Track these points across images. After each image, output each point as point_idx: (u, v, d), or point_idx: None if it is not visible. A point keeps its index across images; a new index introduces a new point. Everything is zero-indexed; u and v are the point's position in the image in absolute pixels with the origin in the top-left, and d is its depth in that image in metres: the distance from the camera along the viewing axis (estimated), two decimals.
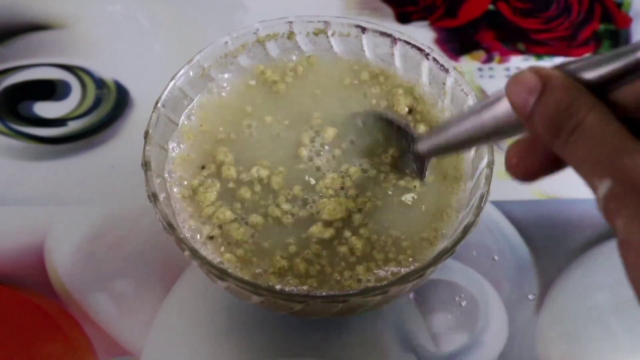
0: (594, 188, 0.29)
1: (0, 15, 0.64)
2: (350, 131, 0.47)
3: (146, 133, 0.44)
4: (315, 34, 0.50)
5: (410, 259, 0.43)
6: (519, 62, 0.62)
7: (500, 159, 0.55)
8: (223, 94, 0.49)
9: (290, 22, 0.49)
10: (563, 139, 0.30)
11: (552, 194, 0.55)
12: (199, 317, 0.49)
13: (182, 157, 0.46)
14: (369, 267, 0.43)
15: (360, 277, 0.42)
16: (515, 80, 0.31)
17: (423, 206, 0.45)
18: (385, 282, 0.42)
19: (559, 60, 0.62)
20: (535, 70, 0.31)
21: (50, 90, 0.59)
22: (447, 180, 0.45)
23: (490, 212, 0.53)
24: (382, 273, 0.43)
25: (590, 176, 0.29)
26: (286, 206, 0.44)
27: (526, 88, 0.31)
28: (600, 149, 0.29)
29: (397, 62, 0.49)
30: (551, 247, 0.52)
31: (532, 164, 0.33)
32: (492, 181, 0.43)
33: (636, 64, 0.29)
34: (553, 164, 0.33)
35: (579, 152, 0.29)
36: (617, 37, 0.63)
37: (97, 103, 0.59)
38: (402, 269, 0.43)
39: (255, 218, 0.44)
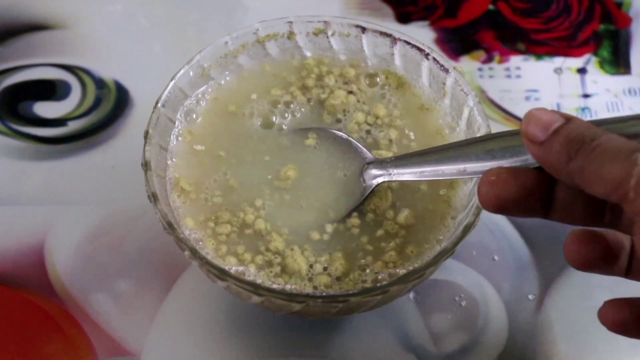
0: (624, 180, 0.31)
1: (0, 15, 0.64)
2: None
3: (146, 133, 0.44)
4: (315, 34, 0.50)
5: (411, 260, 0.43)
6: (519, 62, 0.62)
7: None
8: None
9: (290, 22, 0.49)
10: (584, 155, 0.32)
11: None
12: (199, 317, 0.49)
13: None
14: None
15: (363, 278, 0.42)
16: (536, 112, 0.34)
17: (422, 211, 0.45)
18: (385, 282, 0.42)
19: (559, 60, 0.62)
20: (554, 110, 0.34)
21: (50, 90, 0.59)
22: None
23: None
24: (381, 274, 0.43)
25: (619, 170, 0.31)
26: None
27: (545, 119, 0.34)
28: (627, 144, 0.32)
29: (397, 62, 0.49)
30: (551, 247, 0.52)
31: (506, 192, 0.36)
32: None
33: None
34: (526, 199, 0.36)
35: (604, 155, 0.32)
36: (617, 37, 0.63)
37: (97, 103, 0.59)
38: (402, 270, 0.43)
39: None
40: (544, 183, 0.36)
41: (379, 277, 0.42)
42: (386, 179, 0.44)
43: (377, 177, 0.44)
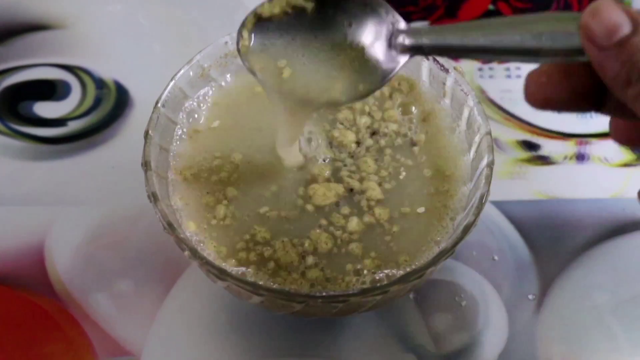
0: None
1: (0, 15, 0.64)
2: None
3: (146, 133, 0.44)
4: None
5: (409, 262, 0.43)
6: (519, 62, 0.62)
7: (500, 158, 0.55)
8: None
9: None
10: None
11: (552, 194, 0.55)
12: (199, 317, 0.49)
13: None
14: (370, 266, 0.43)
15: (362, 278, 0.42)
16: (604, 5, 0.31)
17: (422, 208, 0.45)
18: (385, 282, 0.42)
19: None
20: (624, 8, 0.31)
21: (50, 90, 0.59)
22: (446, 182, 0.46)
23: (490, 212, 0.53)
24: (381, 274, 0.43)
25: None
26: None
27: (612, 20, 0.30)
28: None
29: None
30: (551, 247, 0.52)
31: (556, 93, 0.33)
32: (492, 181, 0.43)
33: None
34: (577, 100, 0.33)
35: None
36: None
37: (97, 103, 0.59)
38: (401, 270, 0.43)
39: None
40: (598, 84, 0.32)
41: (377, 278, 0.42)
42: (418, 53, 0.37)
43: (406, 51, 0.37)
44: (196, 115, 0.48)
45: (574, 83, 0.33)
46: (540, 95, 0.33)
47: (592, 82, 0.32)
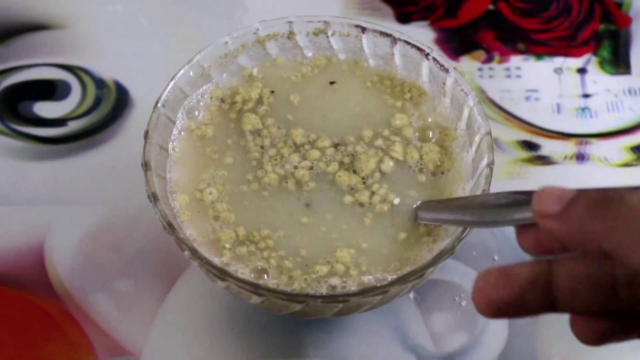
0: None
1: (0, 15, 0.64)
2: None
3: (146, 133, 0.44)
4: (315, 34, 0.50)
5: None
6: (519, 62, 0.62)
7: (500, 158, 0.55)
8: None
9: (290, 22, 0.49)
10: (613, 214, 0.29)
11: None
12: (199, 317, 0.49)
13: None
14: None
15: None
16: (547, 188, 0.32)
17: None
18: (385, 282, 0.42)
19: (559, 60, 0.62)
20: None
21: (50, 90, 0.59)
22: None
23: None
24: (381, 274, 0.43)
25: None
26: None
27: (560, 192, 0.31)
28: None
29: (397, 62, 0.49)
30: None
31: (500, 294, 0.33)
32: (492, 181, 0.43)
33: None
34: (518, 302, 0.33)
35: (627, 228, 0.29)
36: (617, 37, 0.63)
37: (97, 103, 0.59)
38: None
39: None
40: (541, 277, 0.32)
41: (366, 281, 0.42)
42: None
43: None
44: (196, 113, 0.48)
45: (513, 280, 0.33)
46: (483, 300, 0.34)
47: (534, 276, 0.33)
